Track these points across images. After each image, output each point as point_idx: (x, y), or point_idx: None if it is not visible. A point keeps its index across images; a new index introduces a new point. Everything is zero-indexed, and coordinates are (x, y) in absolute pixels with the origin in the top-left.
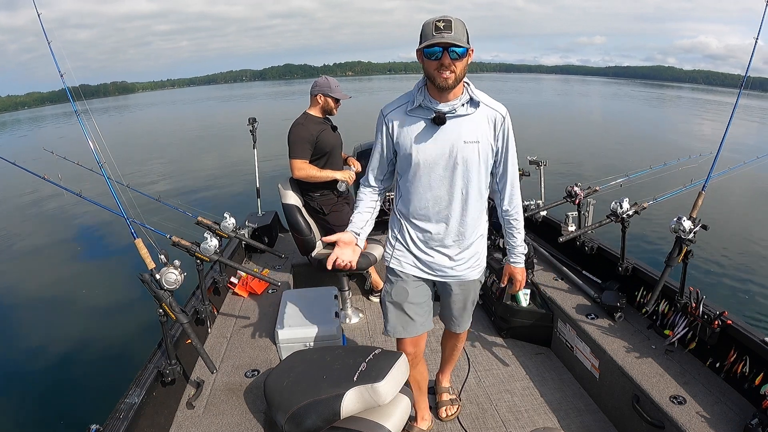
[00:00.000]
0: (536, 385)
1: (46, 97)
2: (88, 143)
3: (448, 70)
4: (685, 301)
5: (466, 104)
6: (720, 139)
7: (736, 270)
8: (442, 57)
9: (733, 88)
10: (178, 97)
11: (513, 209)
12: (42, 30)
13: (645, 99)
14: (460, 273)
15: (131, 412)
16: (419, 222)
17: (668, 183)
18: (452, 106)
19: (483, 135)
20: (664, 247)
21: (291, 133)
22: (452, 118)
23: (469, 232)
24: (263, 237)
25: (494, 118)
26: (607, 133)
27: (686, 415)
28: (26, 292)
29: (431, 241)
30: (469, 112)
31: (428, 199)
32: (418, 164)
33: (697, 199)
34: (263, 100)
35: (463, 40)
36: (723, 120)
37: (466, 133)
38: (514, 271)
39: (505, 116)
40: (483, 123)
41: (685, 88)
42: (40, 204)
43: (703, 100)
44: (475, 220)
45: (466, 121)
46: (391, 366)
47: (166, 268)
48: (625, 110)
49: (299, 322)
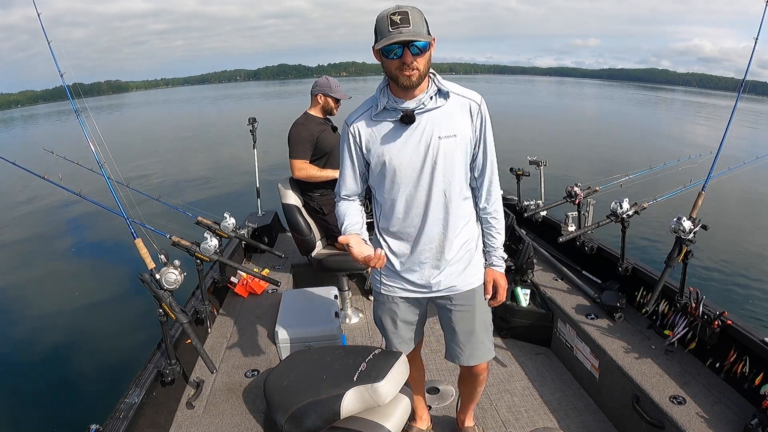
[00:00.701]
0: (536, 385)
1: (40, 96)
2: (88, 143)
3: (410, 68)
4: (685, 301)
5: (434, 96)
6: (719, 140)
7: (736, 270)
8: (402, 55)
9: (727, 91)
10: (173, 96)
11: (491, 206)
12: (42, 30)
13: (639, 101)
14: (454, 283)
15: (131, 412)
16: (402, 234)
17: (668, 183)
18: (419, 101)
19: (459, 127)
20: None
21: (291, 133)
22: (422, 113)
23: (457, 238)
24: (263, 237)
25: (469, 107)
26: (604, 134)
27: (686, 415)
28: (26, 291)
29: (418, 254)
30: (439, 105)
31: (410, 207)
32: (393, 171)
33: (697, 200)
34: (258, 100)
35: (423, 32)
36: (717, 122)
37: (441, 127)
38: (496, 276)
39: (480, 103)
40: (457, 114)
41: (678, 91)
42: (40, 204)
43: (697, 102)
44: (462, 223)
45: (439, 115)
46: (391, 366)
47: (166, 268)
48: (620, 112)
49: (299, 322)
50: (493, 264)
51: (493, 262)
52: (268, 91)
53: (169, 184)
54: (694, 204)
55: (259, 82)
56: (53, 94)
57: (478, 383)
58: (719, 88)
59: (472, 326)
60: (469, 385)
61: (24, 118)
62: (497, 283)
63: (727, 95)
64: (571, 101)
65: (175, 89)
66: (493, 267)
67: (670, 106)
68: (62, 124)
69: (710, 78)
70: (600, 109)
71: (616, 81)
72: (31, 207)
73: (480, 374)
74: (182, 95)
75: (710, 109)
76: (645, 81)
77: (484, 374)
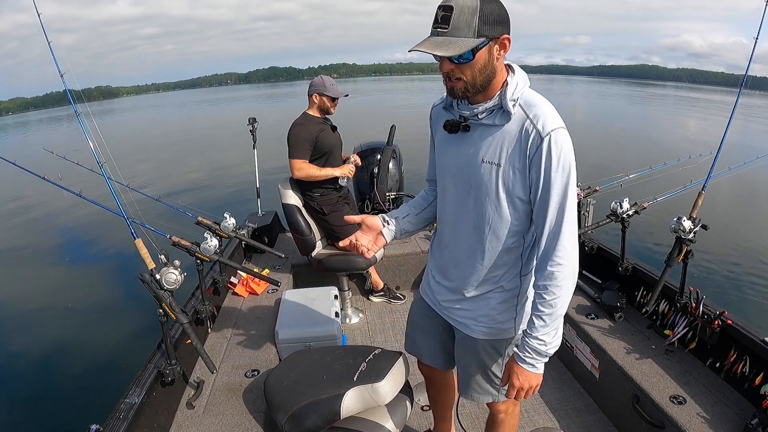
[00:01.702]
0: None
1: (30, 103)
2: (88, 143)
3: (449, 78)
4: (685, 301)
5: (494, 111)
6: (717, 136)
7: (736, 270)
8: (441, 63)
9: (717, 85)
10: (164, 101)
11: (543, 276)
12: (42, 30)
13: (632, 98)
14: (462, 321)
15: (131, 412)
16: (437, 240)
17: (668, 183)
18: (474, 111)
19: (506, 156)
20: (664, 247)
21: (290, 133)
22: (477, 127)
23: (479, 279)
24: (263, 237)
25: (528, 135)
26: (600, 133)
27: (686, 415)
28: (26, 291)
29: (441, 268)
30: (496, 123)
31: (443, 216)
32: (442, 173)
33: (697, 199)
34: (251, 102)
35: (462, 36)
36: (710, 115)
37: (486, 149)
38: (514, 369)
39: (544, 137)
40: (510, 139)
41: (669, 87)
42: (41, 204)
43: (689, 97)
44: (489, 267)
45: (490, 134)
46: (391, 366)
47: (166, 268)
48: (614, 109)
49: (299, 322)
50: (518, 355)
51: (521, 354)
52: (260, 93)
53: (169, 185)
54: (694, 204)
55: (251, 85)
56: (44, 101)
57: (492, 426)
58: (710, 82)
59: (468, 368)
60: (488, 422)
61: (17, 125)
62: (516, 379)
63: (717, 89)
64: (564, 98)
65: (166, 94)
66: (516, 358)
67: (663, 102)
68: (54, 128)
69: (700, 73)
70: (593, 107)
71: (607, 78)
72: (31, 207)
73: (496, 415)
74: (173, 99)
75: (704, 104)
76: (636, 77)
77: (502, 416)
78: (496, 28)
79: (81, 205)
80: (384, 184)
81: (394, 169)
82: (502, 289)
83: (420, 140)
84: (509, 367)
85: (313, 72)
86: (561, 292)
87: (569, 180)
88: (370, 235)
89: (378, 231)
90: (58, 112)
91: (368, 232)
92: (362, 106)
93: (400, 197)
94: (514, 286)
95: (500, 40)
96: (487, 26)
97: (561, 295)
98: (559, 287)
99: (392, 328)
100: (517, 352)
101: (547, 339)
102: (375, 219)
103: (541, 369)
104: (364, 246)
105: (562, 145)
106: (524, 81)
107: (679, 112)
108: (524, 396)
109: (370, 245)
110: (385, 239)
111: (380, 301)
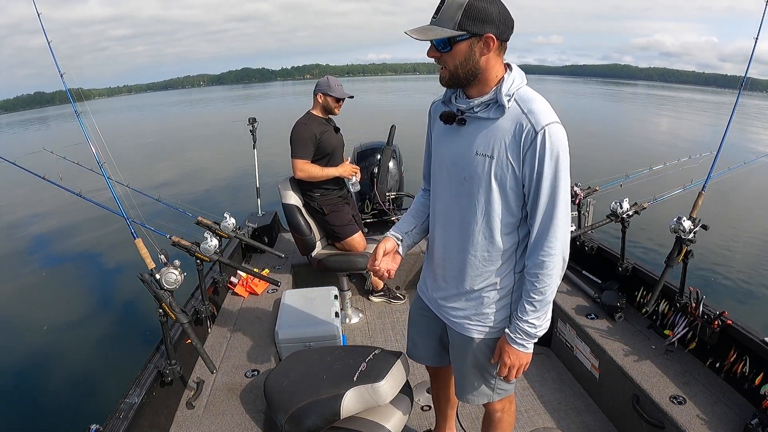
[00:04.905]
0: (536, 385)
1: (1, 105)
2: (88, 143)
3: (441, 66)
4: (685, 301)
5: (490, 105)
6: (719, 139)
7: (735, 270)
8: (428, 50)
9: (688, 84)
10: (136, 102)
11: (533, 264)
12: (42, 30)
13: (606, 96)
14: (456, 320)
15: (131, 412)
16: (430, 234)
17: (668, 183)
18: (469, 104)
19: (500, 149)
20: (664, 247)
21: (293, 132)
22: (473, 121)
23: (471, 275)
24: (263, 237)
25: (522, 129)
26: (586, 132)
27: (686, 415)
28: (26, 291)
29: (435, 263)
30: (491, 116)
31: (436, 209)
32: (436, 166)
33: (697, 199)
34: (223, 103)
35: (447, 25)
36: (682, 114)
37: (480, 142)
38: (505, 349)
39: (539, 130)
40: (504, 132)
41: (640, 86)
42: (40, 204)
43: (660, 96)
44: (482, 262)
45: (485, 127)
46: (391, 366)
47: (166, 268)
48: (592, 108)
49: (299, 322)
50: (508, 334)
51: (509, 332)
52: (234, 95)
53: (168, 185)
54: (694, 204)
55: (223, 87)
56: (14, 104)
57: (489, 425)
58: (680, 81)
59: (462, 369)
60: (484, 422)
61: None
62: (507, 358)
63: (688, 88)
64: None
65: (138, 96)
66: (507, 337)
67: (633, 100)
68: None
69: (671, 72)
70: (572, 105)
71: (579, 77)
72: (31, 207)
73: (492, 414)
74: (146, 101)
75: (672, 102)
76: (608, 77)
77: (499, 415)
78: (481, 26)
79: (81, 204)
80: (384, 184)
81: (394, 169)
82: (496, 287)
83: (420, 140)
84: (500, 346)
85: (286, 73)
86: (551, 281)
87: (563, 173)
88: (389, 256)
89: (394, 251)
90: (30, 115)
91: (387, 255)
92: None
93: (400, 197)
94: (509, 283)
95: (484, 38)
96: (470, 21)
97: (551, 283)
98: (549, 276)
99: (392, 328)
100: (508, 332)
101: (536, 322)
102: (390, 243)
103: (530, 348)
104: (388, 269)
105: (557, 140)
106: (521, 78)
107: (652, 111)
108: (516, 374)
109: (390, 266)
110: (401, 256)
111: (380, 301)
